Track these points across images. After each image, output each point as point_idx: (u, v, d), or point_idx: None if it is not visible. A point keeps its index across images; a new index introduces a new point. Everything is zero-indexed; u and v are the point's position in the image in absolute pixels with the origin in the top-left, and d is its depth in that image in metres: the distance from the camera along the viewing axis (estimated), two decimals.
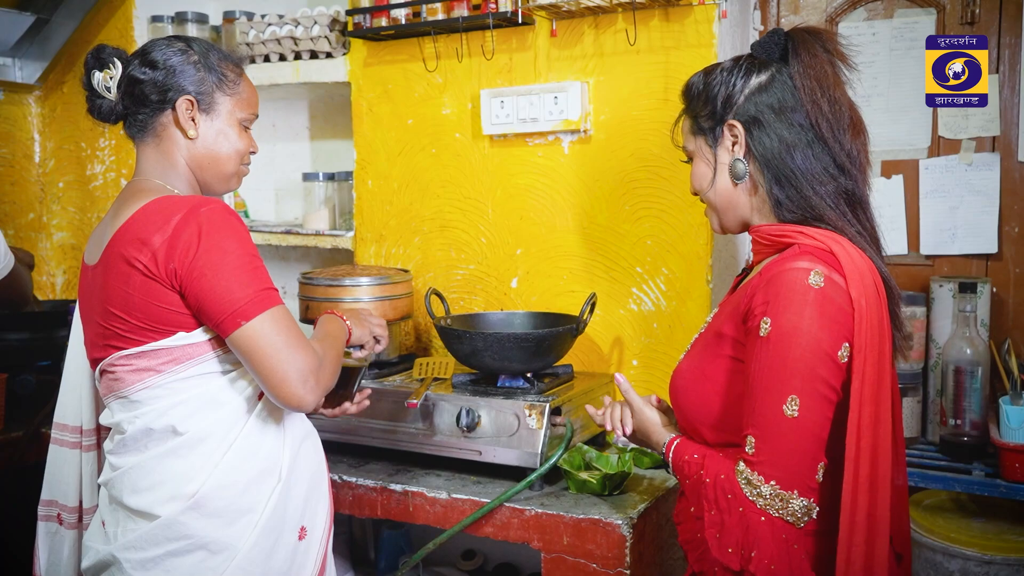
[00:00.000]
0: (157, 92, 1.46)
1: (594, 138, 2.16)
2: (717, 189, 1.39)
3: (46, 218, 3.11)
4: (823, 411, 1.22)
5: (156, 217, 1.35)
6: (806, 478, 1.22)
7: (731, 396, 1.33)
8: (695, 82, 1.42)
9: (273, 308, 1.36)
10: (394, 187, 2.43)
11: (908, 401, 1.99)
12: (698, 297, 2.07)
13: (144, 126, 1.48)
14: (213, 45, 1.53)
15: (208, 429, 1.39)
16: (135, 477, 1.40)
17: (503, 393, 1.91)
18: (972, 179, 2.08)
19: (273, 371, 1.34)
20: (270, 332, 1.34)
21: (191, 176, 1.50)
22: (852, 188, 1.33)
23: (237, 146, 1.52)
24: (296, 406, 1.36)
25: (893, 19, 2.13)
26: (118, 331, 1.38)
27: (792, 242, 1.31)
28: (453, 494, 1.82)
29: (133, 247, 1.35)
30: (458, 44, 2.28)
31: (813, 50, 1.32)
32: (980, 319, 1.95)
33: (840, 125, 1.31)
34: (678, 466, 1.35)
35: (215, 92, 1.49)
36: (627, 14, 2.07)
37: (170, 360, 1.38)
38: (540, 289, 2.26)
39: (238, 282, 1.34)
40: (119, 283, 1.36)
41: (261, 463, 1.43)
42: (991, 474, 1.82)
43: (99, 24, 2.88)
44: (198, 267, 1.32)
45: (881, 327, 1.27)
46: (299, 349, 1.36)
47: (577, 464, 1.84)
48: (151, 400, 1.39)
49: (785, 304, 1.23)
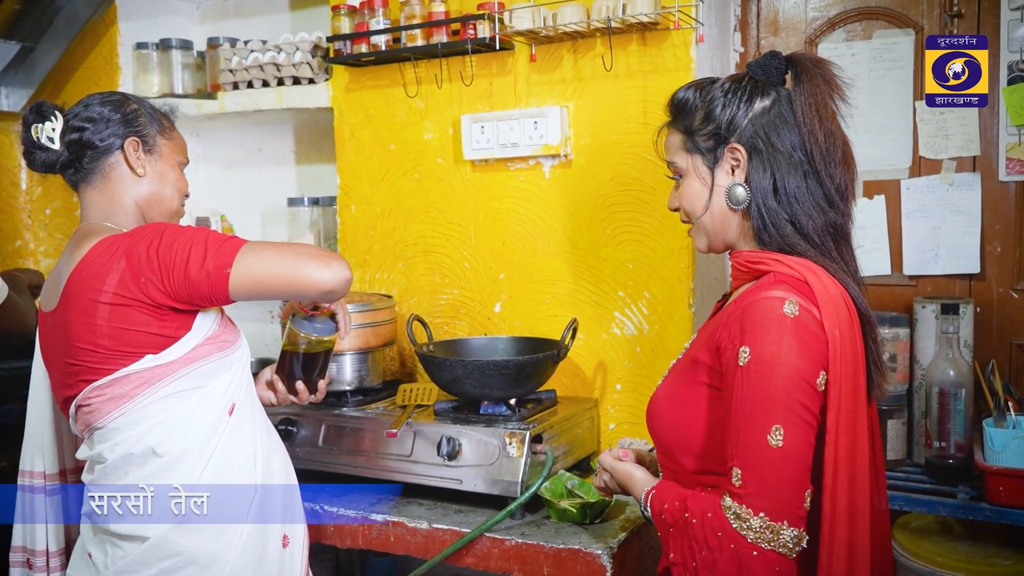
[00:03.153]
0: (101, 139, 1.51)
1: (575, 162, 2.16)
2: (712, 212, 1.37)
3: (33, 245, 3.10)
4: (806, 438, 1.21)
5: (107, 250, 1.40)
6: (795, 507, 1.20)
7: (709, 423, 1.31)
8: (689, 97, 1.38)
9: (244, 244, 1.40)
10: (377, 212, 2.43)
11: (893, 423, 1.98)
12: (680, 321, 2.06)
13: (91, 170, 1.53)
14: (145, 100, 1.61)
15: (186, 447, 1.43)
16: None
17: (484, 420, 1.90)
18: (954, 199, 2.08)
19: (291, 279, 1.38)
20: (255, 259, 1.38)
21: (139, 214, 1.55)
22: (839, 222, 1.32)
23: (179, 186, 1.60)
24: (333, 287, 1.40)
25: (872, 40, 2.13)
26: (88, 364, 1.41)
27: (768, 269, 1.30)
28: (434, 524, 1.80)
29: (94, 282, 1.39)
30: (437, 70, 2.28)
31: (814, 79, 1.31)
32: (963, 340, 1.94)
33: (833, 158, 1.30)
34: (659, 518, 1.31)
35: (157, 136, 1.57)
36: (605, 39, 2.07)
37: (141, 383, 1.41)
38: (523, 313, 2.26)
39: (202, 247, 1.38)
40: (83, 319, 1.39)
41: (238, 475, 1.47)
42: (976, 497, 1.80)
43: (84, 51, 2.89)
44: (166, 261, 1.37)
45: (855, 358, 1.26)
46: (290, 248, 1.41)
47: (559, 492, 1.83)
48: (128, 426, 1.42)
49: (762, 333, 1.22)
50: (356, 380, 2.14)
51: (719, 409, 1.29)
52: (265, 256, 1.39)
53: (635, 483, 1.41)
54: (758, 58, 1.37)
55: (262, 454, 1.52)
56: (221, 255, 1.38)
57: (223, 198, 3.01)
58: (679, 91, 1.40)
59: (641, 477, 1.42)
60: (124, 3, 2.81)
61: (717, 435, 1.29)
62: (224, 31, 2.86)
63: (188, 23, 2.99)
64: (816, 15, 2.19)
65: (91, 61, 2.89)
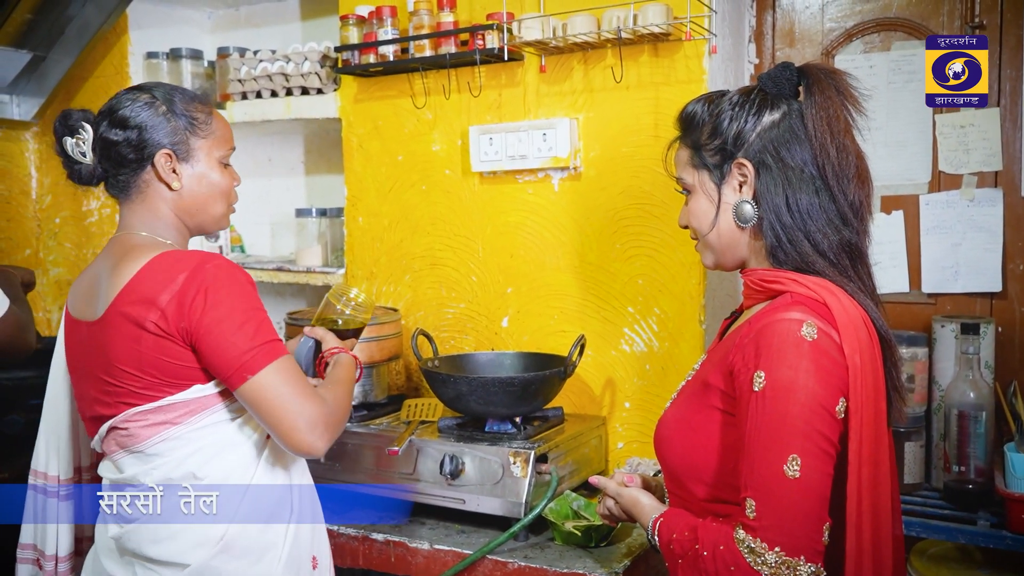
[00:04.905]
0: (134, 151, 1.43)
1: (584, 175, 2.12)
2: (720, 230, 1.32)
3: (42, 254, 3.10)
4: (825, 469, 1.15)
5: (161, 276, 1.34)
6: (813, 541, 1.13)
7: (721, 450, 1.25)
8: (698, 111, 1.34)
9: (277, 360, 1.35)
10: (384, 224, 2.40)
11: (910, 446, 1.92)
12: (691, 338, 2.01)
13: (127, 185, 1.46)
14: (176, 88, 1.50)
15: (227, 473, 1.40)
16: (156, 527, 1.38)
17: (489, 439, 1.86)
18: (974, 215, 2.02)
19: (281, 421, 1.34)
20: (275, 384, 1.34)
21: (180, 225, 1.49)
22: (854, 240, 1.27)
23: (221, 186, 1.51)
24: (307, 453, 1.37)
25: (890, 52, 2.08)
26: (131, 388, 1.36)
27: (784, 289, 1.25)
28: (435, 544, 1.76)
29: (141, 307, 1.33)
30: (446, 80, 2.25)
31: (827, 91, 1.25)
32: (984, 361, 1.87)
33: (846, 174, 1.25)
34: (667, 548, 1.25)
35: (189, 138, 1.47)
36: (616, 50, 2.03)
37: (187, 412, 1.38)
38: (531, 329, 2.21)
39: (243, 336, 1.33)
40: (128, 342, 1.35)
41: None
42: (996, 524, 1.74)
43: (95, 61, 2.89)
44: (205, 324, 1.32)
45: (876, 384, 1.21)
46: (306, 398, 1.36)
47: (564, 513, 1.78)
48: (168, 452, 1.38)
49: (779, 357, 1.16)
50: (360, 395, 2.11)
51: (732, 435, 1.23)
52: (280, 384, 1.35)
53: (642, 510, 1.36)
54: (769, 70, 1.33)
55: (296, 477, 1.49)
56: (253, 360, 1.34)
57: None
58: (688, 105, 1.36)
59: (648, 504, 1.36)
60: (135, 12, 2.81)
61: (729, 463, 1.23)
62: (235, 41, 2.85)
63: (199, 33, 2.98)
64: (833, 26, 2.14)
65: (102, 70, 2.89)
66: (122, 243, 1.45)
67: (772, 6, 2.19)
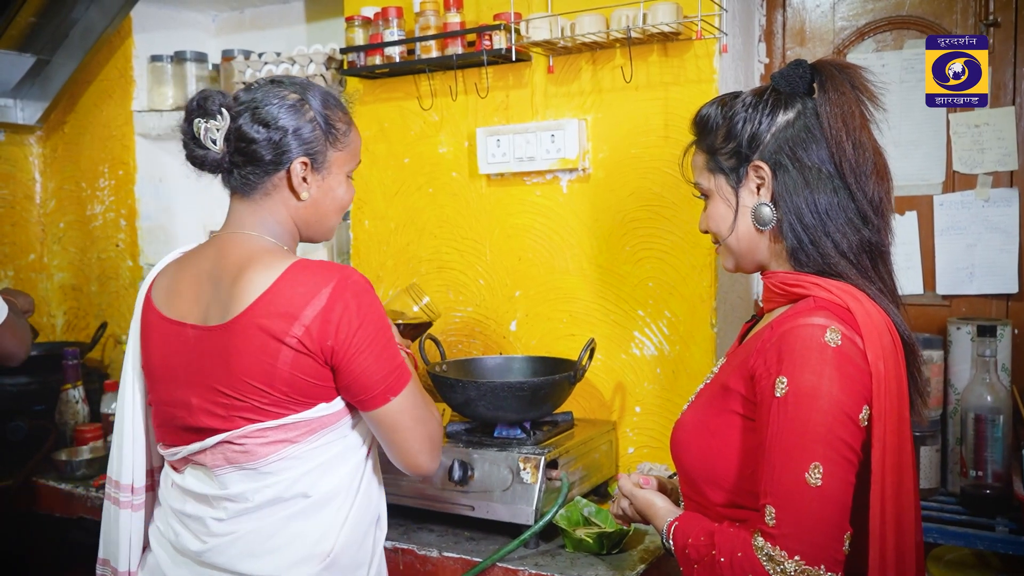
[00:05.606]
0: (271, 153, 1.36)
1: (593, 177, 2.10)
2: (739, 234, 1.30)
3: (47, 259, 3.08)
4: (847, 477, 1.13)
5: (302, 288, 1.28)
6: (833, 551, 1.11)
7: (740, 455, 1.23)
8: (711, 114, 1.31)
9: (410, 382, 1.36)
10: (391, 227, 2.38)
11: (926, 450, 1.89)
12: (702, 341, 1.98)
13: (252, 184, 1.38)
14: (327, 93, 1.42)
15: (335, 488, 1.36)
16: (253, 542, 1.33)
17: (498, 444, 1.83)
18: (990, 215, 1.99)
19: (410, 443, 1.35)
20: (411, 406, 1.35)
21: (296, 232, 1.43)
22: (875, 240, 1.24)
23: (343, 202, 1.45)
24: (424, 474, 1.39)
25: (903, 50, 2.05)
26: (255, 403, 1.30)
27: (807, 294, 1.22)
28: (444, 552, 1.73)
29: (282, 321, 1.26)
30: (452, 82, 2.23)
31: (841, 87, 1.23)
32: (1001, 363, 1.84)
33: (863, 171, 1.22)
34: (682, 553, 1.22)
35: (328, 149, 1.40)
36: (625, 49, 2.00)
37: (308, 430, 1.33)
38: (540, 332, 2.19)
39: (386, 359, 1.32)
40: (262, 356, 1.28)
41: (372, 513, 1.42)
42: (1015, 530, 1.71)
43: (99, 64, 2.87)
44: (354, 344, 1.28)
45: (900, 391, 1.18)
46: (429, 420, 1.38)
47: (575, 520, 1.76)
48: (284, 470, 1.32)
49: (802, 363, 1.14)
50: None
51: (751, 440, 1.21)
52: (414, 406, 1.36)
53: (656, 512, 1.33)
54: (782, 68, 1.30)
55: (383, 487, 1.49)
56: (396, 382, 1.33)
57: None
58: (702, 108, 1.34)
59: (663, 506, 1.33)
60: (139, 16, 2.80)
61: (748, 468, 1.21)
62: (240, 44, 2.83)
63: (204, 36, 2.97)
64: (844, 24, 2.11)
65: (106, 74, 2.87)
66: (240, 244, 1.37)
67: (782, 5, 2.17)
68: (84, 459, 2.29)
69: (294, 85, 1.40)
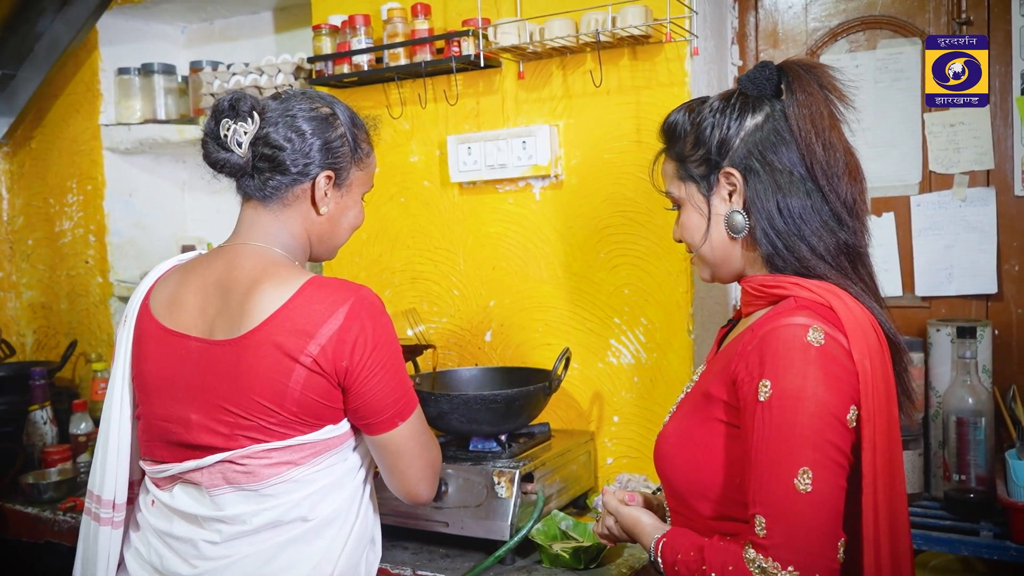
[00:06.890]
0: (299, 163, 1.33)
1: (566, 183, 2.06)
2: (712, 243, 1.26)
3: (15, 276, 3.02)
4: (837, 481, 1.09)
5: (318, 306, 1.24)
6: (827, 559, 1.07)
7: (726, 465, 1.19)
8: (679, 121, 1.28)
9: (418, 406, 1.35)
10: (363, 238, 2.34)
11: (909, 454, 1.85)
12: (680, 348, 1.95)
13: (272, 193, 1.34)
14: (352, 112, 1.41)
15: (335, 512, 1.32)
16: (250, 566, 1.28)
17: (472, 458, 1.79)
18: (967, 215, 1.97)
19: (412, 469, 1.34)
20: (418, 432, 1.34)
21: (307, 247, 1.40)
22: (852, 242, 1.21)
23: (356, 222, 1.44)
24: (421, 502, 1.39)
25: (876, 50, 2.03)
26: (262, 423, 1.25)
27: (787, 294, 1.19)
28: (418, 570, 1.69)
29: (297, 339, 1.23)
30: (422, 89, 2.19)
31: (808, 87, 1.20)
32: (982, 365, 1.82)
33: (835, 172, 1.19)
34: (671, 569, 1.17)
35: (351, 167, 1.38)
36: (595, 54, 1.98)
37: (313, 452, 1.29)
38: (515, 342, 2.15)
39: (398, 382, 1.30)
40: (273, 374, 1.24)
41: (369, 535, 1.40)
42: (1000, 535, 1.68)
43: (65, 78, 2.82)
44: (369, 366, 1.26)
45: (888, 391, 1.15)
46: (433, 447, 1.38)
47: (552, 534, 1.71)
48: (285, 493, 1.28)
49: (785, 364, 1.10)
50: None
51: (737, 449, 1.17)
52: (420, 432, 1.36)
53: (643, 530, 1.29)
54: (748, 71, 1.27)
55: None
56: (406, 406, 1.33)
57: (210, 225, 2.93)
58: (670, 115, 1.31)
59: (649, 523, 1.29)
60: (106, 28, 2.76)
61: (735, 478, 1.17)
62: (210, 55, 2.79)
63: (173, 47, 2.93)
64: (817, 25, 2.09)
65: (72, 87, 2.83)
66: (252, 256, 1.33)
67: (755, 6, 2.15)
68: (52, 481, 2.23)
69: (324, 99, 1.38)
